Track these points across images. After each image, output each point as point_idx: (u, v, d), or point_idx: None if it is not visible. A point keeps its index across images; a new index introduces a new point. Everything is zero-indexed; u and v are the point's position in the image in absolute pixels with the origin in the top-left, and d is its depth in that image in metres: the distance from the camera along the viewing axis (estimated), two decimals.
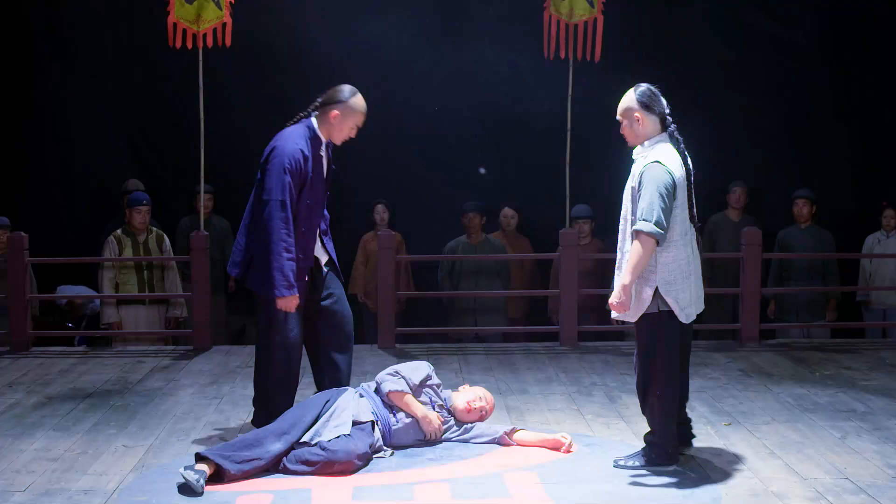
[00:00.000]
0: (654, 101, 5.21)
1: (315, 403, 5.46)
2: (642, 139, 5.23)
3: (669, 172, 5.08)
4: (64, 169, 10.36)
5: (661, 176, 5.05)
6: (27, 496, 4.95)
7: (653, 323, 5.17)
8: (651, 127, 5.22)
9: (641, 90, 5.23)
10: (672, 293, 5.13)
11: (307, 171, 5.63)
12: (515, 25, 9.87)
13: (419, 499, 4.90)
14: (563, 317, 8.55)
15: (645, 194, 5.04)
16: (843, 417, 6.29)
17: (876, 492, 4.96)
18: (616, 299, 5.09)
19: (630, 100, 5.23)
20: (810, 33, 10.49)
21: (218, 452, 5.10)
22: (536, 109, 10.06)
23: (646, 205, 5.02)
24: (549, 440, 5.60)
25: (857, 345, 8.66)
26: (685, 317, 5.19)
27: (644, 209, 5.02)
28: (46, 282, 9.21)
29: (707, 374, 7.50)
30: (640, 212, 5.04)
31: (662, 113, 5.22)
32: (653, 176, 5.05)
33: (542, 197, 9.79)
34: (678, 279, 5.15)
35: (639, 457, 5.32)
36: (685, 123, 5.35)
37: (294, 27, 9.95)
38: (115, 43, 10.21)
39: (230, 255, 5.91)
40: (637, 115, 5.20)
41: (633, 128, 5.23)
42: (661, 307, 5.14)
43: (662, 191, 5.03)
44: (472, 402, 5.81)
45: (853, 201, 10.28)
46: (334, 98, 5.71)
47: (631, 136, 5.27)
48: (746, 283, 8.55)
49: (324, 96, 5.76)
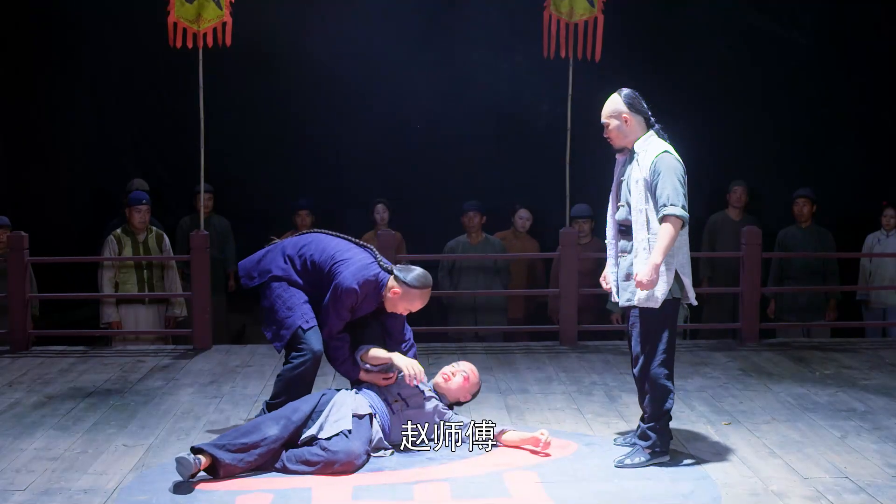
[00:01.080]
0: (639, 102, 5.42)
1: (312, 396, 5.48)
2: (630, 140, 5.40)
3: (679, 160, 5.30)
4: (65, 169, 10.37)
5: (676, 164, 5.28)
6: (27, 495, 4.95)
7: (664, 308, 5.29)
8: (637, 127, 5.39)
9: (626, 93, 5.43)
10: (685, 275, 5.33)
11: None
12: (515, 25, 9.87)
13: (419, 498, 4.90)
14: (563, 317, 8.56)
15: (666, 181, 5.20)
16: (843, 417, 6.29)
17: (876, 491, 4.97)
18: (647, 277, 5.16)
19: (616, 102, 5.41)
20: (810, 33, 10.49)
21: (213, 443, 5.10)
22: (536, 109, 10.07)
23: (671, 190, 5.19)
24: (528, 439, 5.60)
25: (857, 344, 8.66)
26: (694, 297, 5.42)
27: (670, 195, 5.19)
28: (47, 282, 9.21)
29: (707, 373, 7.50)
30: (666, 197, 5.19)
31: (647, 114, 5.41)
32: (668, 164, 5.25)
33: (541, 197, 9.79)
34: (686, 263, 5.35)
35: (641, 453, 5.33)
36: (685, 123, 5.39)
37: (294, 27, 9.96)
38: (116, 43, 10.21)
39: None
40: (625, 116, 5.37)
41: (621, 129, 5.38)
42: (675, 293, 5.30)
43: (681, 177, 5.26)
44: (445, 371, 5.83)
45: (853, 201, 10.28)
46: (402, 278, 5.64)
47: (618, 137, 5.42)
48: (746, 283, 8.55)
49: (402, 268, 5.71)
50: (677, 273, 5.29)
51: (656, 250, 5.18)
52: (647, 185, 5.27)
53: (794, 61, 10.42)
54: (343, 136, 10.32)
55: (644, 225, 5.28)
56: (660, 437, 5.35)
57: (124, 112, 10.33)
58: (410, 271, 5.65)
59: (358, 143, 10.25)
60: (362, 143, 10.22)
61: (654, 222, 5.24)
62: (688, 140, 5.39)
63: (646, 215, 5.27)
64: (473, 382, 5.88)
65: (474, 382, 5.89)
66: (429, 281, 5.67)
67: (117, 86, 10.25)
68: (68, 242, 9.94)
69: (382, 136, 10.17)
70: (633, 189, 5.31)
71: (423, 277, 5.65)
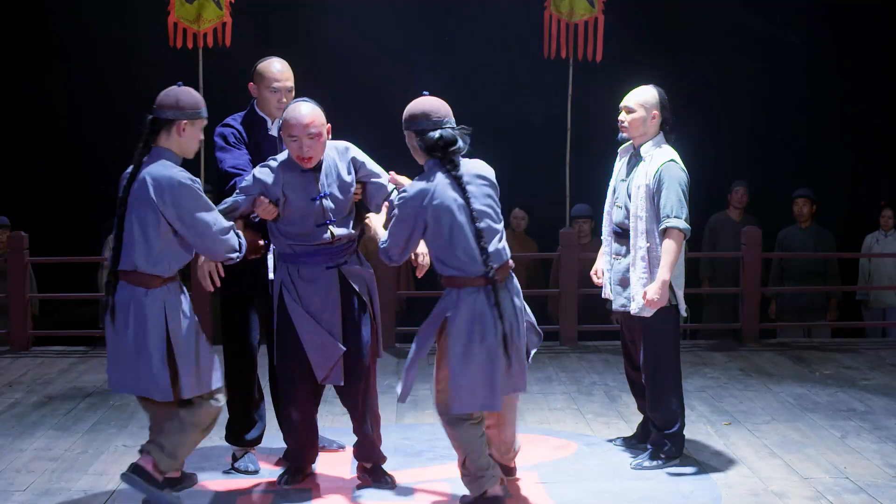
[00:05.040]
0: (668, 106, 5.34)
1: None
2: (645, 137, 5.31)
3: (684, 171, 5.24)
4: (65, 169, 10.36)
5: (681, 174, 5.21)
6: (27, 496, 4.95)
7: (667, 315, 5.25)
8: (656, 129, 5.32)
9: (661, 91, 5.34)
10: (679, 287, 5.26)
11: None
12: (516, 25, 9.88)
13: (419, 498, 4.90)
14: (563, 317, 8.55)
15: (670, 192, 5.14)
16: (843, 417, 6.29)
17: (876, 491, 4.97)
18: (657, 296, 5.12)
19: (652, 95, 5.32)
20: (809, 34, 10.49)
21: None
22: (536, 109, 10.06)
23: (675, 202, 5.14)
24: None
25: (857, 344, 8.66)
26: (685, 309, 5.34)
27: (673, 206, 5.13)
28: (47, 282, 9.21)
29: (707, 373, 7.50)
30: (670, 209, 5.13)
31: (669, 120, 5.35)
32: (673, 174, 5.18)
33: (542, 197, 9.79)
34: (680, 274, 5.27)
35: (655, 455, 5.32)
36: (685, 123, 5.37)
37: (294, 27, 9.96)
38: (117, 43, 10.22)
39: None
40: (655, 112, 5.29)
41: (645, 122, 5.29)
42: (672, 301, 5.24)
43: (685, 188, 5.20)
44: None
45: (853, 201, 10.29)
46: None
47: (635, 128, 5.31)
48: (747, 283, 8.55)
49: None
50: (672, 285, 5.19)
51: (663, 266, 5.12)
52: (648, 193, 5.20)
53: (794, 62, 10.42)
54: (343, 136, 10.30)
55: (643, 233, 5.22)
56: (678, 440, 5.32)
57: (124, 112, 10.32)
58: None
59: (358, 143, 10.23)
60: (362, 143, 10.20)
61: (653, 232, 5.19)
62: (688, 140, 5.37)
63: (645, 223, 5.21)
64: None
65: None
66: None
67: (118, 85, 10.25)
68: (68, 242, 9.94)
69: (383, 136, 10.15)
70: (634, 194, 5.26)
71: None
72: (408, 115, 4.80)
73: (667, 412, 5.30)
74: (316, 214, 4.82)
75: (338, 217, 4.88)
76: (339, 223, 4.88)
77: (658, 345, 5.29)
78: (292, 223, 4.84)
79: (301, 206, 4.81)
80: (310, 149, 4.79)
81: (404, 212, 4.62)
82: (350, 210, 4.97)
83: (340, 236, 4.87)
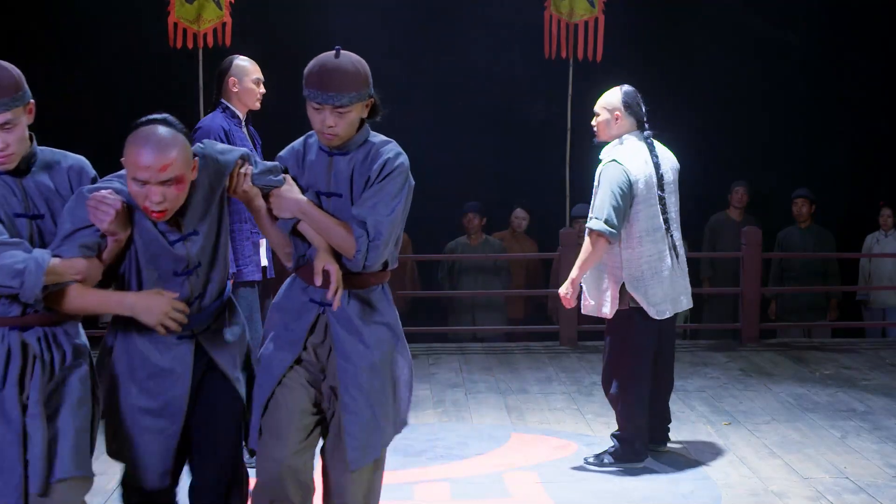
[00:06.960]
0: (637, 104, 5.30)
1: None
2: (613, 138, 5.32)
3: (625, 171, 5.14)
4: None
5: (616, 175, 5.13)
6: None
7: (624, 319, 5.22)
8: (625, 129, 5.30)
9: (627, 90, 5.31)
10: (640, 289, 5.17)
11: None
12: (516, 25, 9.88)
13: (419, 498, 4.90)
14: (563, 317, 8.55)
15: (599, 193, 5.17)
16: (843, 417, 6.29)
17: (876, 491, 4.97)
18: (562, 291, 5.20)
19: (615, 96, 5.31)
20: (808, 34, 10.50)
21: None
22: (536, 109, 10.06)
23: (598, 203, 5.16)
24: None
25: (857, 344, 8.66)
26: (656, 312, 5.21)
27: (596, 207, 5.16)
28: None
29: (707, 373, 7.50)
30: (596, 210, 5.16)
31: (641, 118, 5.31)
32: (607, 175, 5.17)
33: (542, 197, 9.79)
34: (646, 275, 5.17)
35: (607, 455, 5.34)
36: (686, 123, 5.37)
37: (294, 26, 9.96)
38: (118, 43, 10.21)
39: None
40: (617, 114, 5.29)
41: (609, 124, 5.31)
42: (632, 304, 5.20)
43: (616, 189, 5.11)
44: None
45: (853, 201, 10.29)
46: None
47: (602, 131, 5.35)
48: (747, 283, 8.55)
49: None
50: (625, 287, 5.16)
51: (575, 265, 5.19)
52: (593, 194, 5.24)
53: (794, 62, 10.42)
54: None
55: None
56: (626, 445, 5.29)
57: (124, 112, 10.31)
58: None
59: None
60: None
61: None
62: (688, 140, 5.37)
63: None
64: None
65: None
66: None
67: (118, 85, 10.25)
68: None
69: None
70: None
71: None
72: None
73: (620, 415, 5.34)
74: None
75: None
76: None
77: (612, 346, 5.30)
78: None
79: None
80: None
81: None
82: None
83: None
